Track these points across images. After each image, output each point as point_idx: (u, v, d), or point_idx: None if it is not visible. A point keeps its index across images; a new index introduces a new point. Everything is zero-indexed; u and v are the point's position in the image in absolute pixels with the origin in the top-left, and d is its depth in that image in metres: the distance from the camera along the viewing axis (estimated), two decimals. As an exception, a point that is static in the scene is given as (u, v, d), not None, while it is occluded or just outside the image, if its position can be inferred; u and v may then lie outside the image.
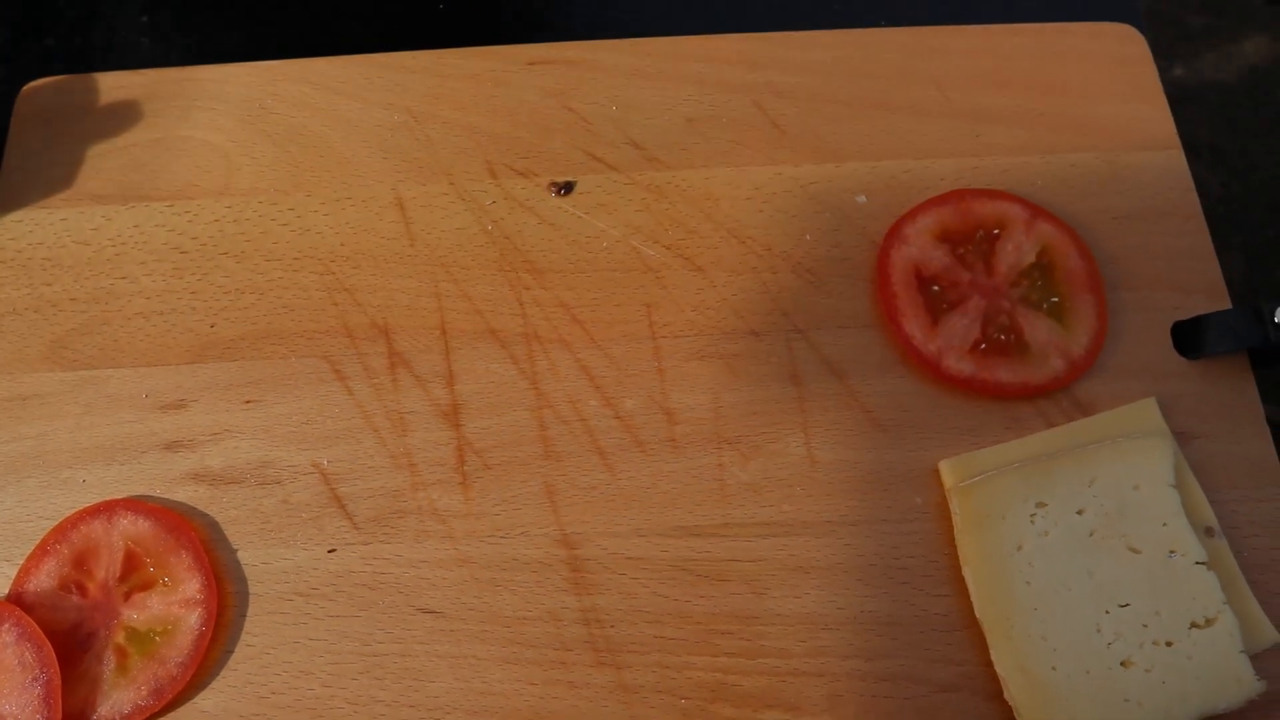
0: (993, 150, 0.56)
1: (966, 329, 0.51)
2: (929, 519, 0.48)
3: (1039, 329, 0.51)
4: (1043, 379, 0.50)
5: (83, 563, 0.47)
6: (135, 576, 0.47)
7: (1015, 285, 0.52)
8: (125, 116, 0.57)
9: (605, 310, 0.53)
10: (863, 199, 0.55)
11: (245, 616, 0.46)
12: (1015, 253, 0.52)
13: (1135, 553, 0.45)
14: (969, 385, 0.50)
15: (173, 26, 0.63)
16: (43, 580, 0.46)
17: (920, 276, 0.52)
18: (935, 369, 0.50)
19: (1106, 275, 0.53)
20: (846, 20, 0.62)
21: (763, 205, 0.55)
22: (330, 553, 0.48)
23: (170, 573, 0.46)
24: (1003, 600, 0.45)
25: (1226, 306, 0.52)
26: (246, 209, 0.55)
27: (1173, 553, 0.45)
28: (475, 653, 0.46)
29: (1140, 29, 0.60)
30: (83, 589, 0.46)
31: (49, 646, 0.44)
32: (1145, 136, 0.57)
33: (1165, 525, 0.46)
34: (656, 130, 0.57)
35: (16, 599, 0.46)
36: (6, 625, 0.45)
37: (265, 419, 0.50)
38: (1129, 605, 0.45)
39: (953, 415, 0.50)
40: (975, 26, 0.60)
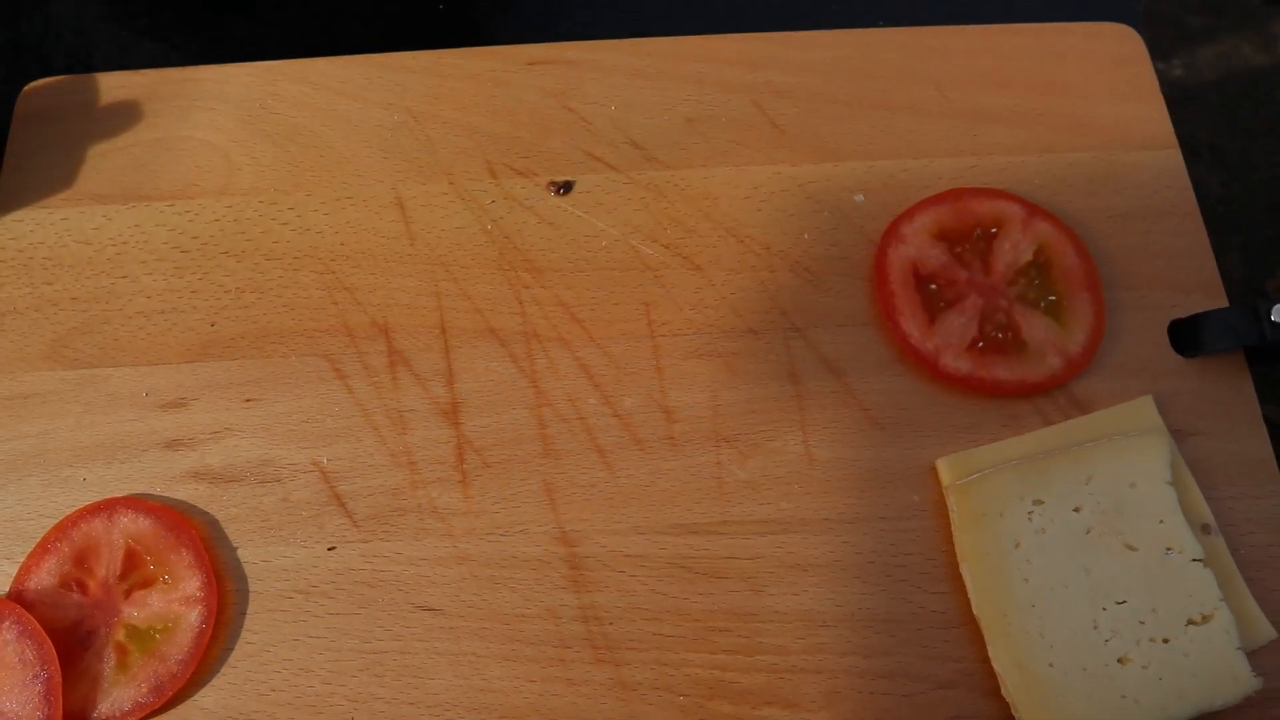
0: (991, 150, 0.56)
1: (964, 327, 0.51)
2: (927, 516, 0.48)
3: (1036, 327, 0.51)
4: (1040, 377, 0.50)
5: (83, 560, 0.47)
6: (135, 574, 0.47)
7: (1013, 284, 0.52)
8: (125, 116, 0.57)
9: (604, 309, 0.53)
10: (861, 198, 0.55)
11: (245, 614, 0.47)
12: (1013, 251, 0.53)
13: (1132, 550, 0.46)
14: (966, 383, 0.50)
15: (173, 26, 0.64)
16: (43, 578, 0.46)
17: (918, 275, 0.52)
18: (933, 367, 0.50)
19: (1104, 274, 0.53)
20: (846, 20, 0.62)
21: (761, 204, 0.55)
22: (330, 550, 0.48)
23: (170, 570, 0.47)
24: (1000, 597, 0.45)
25: (1224, 305, 0.52)
26: (247, 208, 0.55)
27: (1170, 550, 0.45)
28: (474, 650, 0.46)
29: (1139, 29, 0.60)
30: (83, 587, 0.47)
31: (49, 644, 0.44)
32: (1143, 136, 0.57)
33: (1162, 522, 0.46)
34: (656, 130, 0.57)
35: (17, 597, 0.46)
36: (7, 623, 0.45)
37: (265, 417, 0.50)
38: (1126, 602, 0.45)
39: (950, 413, 0.50)
40: (974, 26, 0.60)
